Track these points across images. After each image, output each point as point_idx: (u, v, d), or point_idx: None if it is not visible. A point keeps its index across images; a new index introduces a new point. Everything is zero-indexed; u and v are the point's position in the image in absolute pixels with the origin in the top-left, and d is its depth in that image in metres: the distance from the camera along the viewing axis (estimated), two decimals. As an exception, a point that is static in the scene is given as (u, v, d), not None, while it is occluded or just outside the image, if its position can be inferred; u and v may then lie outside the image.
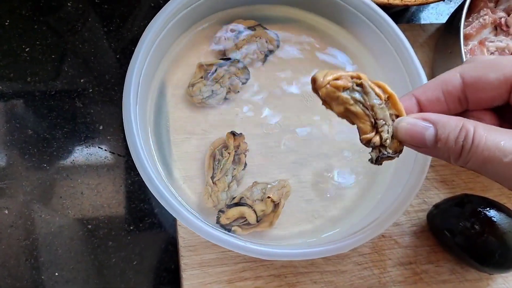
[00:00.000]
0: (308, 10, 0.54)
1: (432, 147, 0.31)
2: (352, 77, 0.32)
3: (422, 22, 0.66)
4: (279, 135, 0.50)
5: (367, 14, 0.49)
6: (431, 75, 0.59)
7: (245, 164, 0.47)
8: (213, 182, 0.46)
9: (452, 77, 0.33)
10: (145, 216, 0.51)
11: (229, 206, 0.45)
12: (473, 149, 0.29)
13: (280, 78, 0.52)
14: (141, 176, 0.39)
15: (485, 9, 0.57)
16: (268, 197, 0.45)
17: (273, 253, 0.40)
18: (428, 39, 0.61)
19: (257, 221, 0.45)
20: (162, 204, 0.39)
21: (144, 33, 0.44)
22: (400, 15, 0.65)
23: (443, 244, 0.49)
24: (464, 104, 0.33)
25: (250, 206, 0.45)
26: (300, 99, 0.51)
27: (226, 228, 0.44)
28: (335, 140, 0.51)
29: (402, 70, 0.49)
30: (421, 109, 0.34)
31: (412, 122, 0.31)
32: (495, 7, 0.60)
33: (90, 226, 0.50)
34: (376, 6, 0.49)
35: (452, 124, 0.30)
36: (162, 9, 0.46)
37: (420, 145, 0.31)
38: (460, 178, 0.55)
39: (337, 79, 0.32)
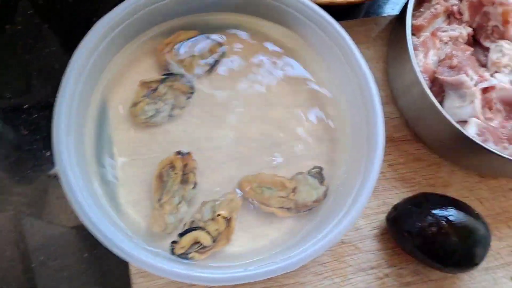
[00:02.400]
0: (252, 14, 0.52)
1: None
2: None
3: (385, 14, 0.63)
4: (229, 148, 0.48)
5: (306, 14, 0.48)
6: (385, 70, 0.57)
7: (195, 183, 0.46)
8: (160, 205, 0.44)
9: None
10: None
11: (181, 234, 0.43)
12: None
13: (228, 88, 0.50)
14: (72, 206, 0.38)
15: (435, -2, 0.56)
16: (218, 215, 0.44)
17: (223, 279, 0.39)
18: (381, 32, 0.59)
19: (213, 242, 0.44)
20: (92, 233, 0.38)
21: (76, 51, 0.42)
22: (357, 9, 0.63)
23: (404, 246, 0.48)
24: None
25: (203, 228, 0.44)
26: (248, 109, 0.50)
27: (183, 257, 0.43)
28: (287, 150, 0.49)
29: (348, 70, 0.47)
30: None
31: None
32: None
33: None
34: (315, 5, 0.47)
35: None
36: (96, 23, 0.44)
37: None
38: (421, 175, 0.54)
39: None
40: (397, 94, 0.55)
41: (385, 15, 0.63)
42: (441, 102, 0.51)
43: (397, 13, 0.58)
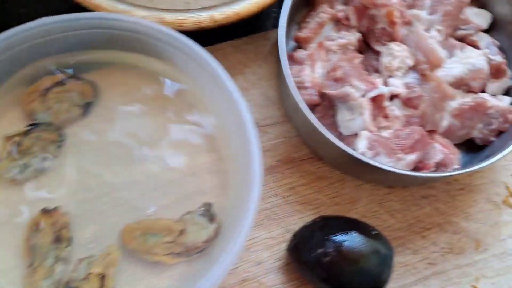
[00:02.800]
0: (123, 50, 0.48)
1: None
2: None
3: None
4: (110, 195, 0.45)
5: (175, 45, 0.45)
6: (277, 87, 0.54)
7: (70, 238, 0.43)
8: (32, 270, 0.41)
9: None
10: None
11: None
12: None
13: (104, 131, 0.47)
14: None
15: (322, 5, 0.53)
16: (90, 273, 0.41)
17: None
18: (274, 47, 0.56)
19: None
20: None
21: None
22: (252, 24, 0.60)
23: (305, 277, 0.46)
24: None
25: (78, 289, 0.41)
26: (129, 150, 0.46)
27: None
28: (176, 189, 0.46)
29: (224, 99, 0.44)
30: None
31: None
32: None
33: None
34: (178, 34, 0.44)
35: None
36: None
37: None
38: (325, 194, 0.51)
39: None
40: (288, 112, 0.52)
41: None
42: (334, 116, 0.49)
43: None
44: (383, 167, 0.43)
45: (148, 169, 0.46)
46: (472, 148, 0.52)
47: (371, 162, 0.43)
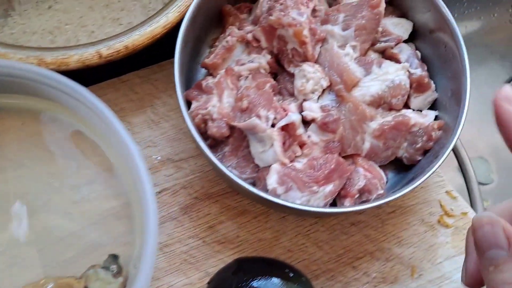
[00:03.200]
0: (16, 93, 0.44)
1: None
2: None
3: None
4: (5, 254, 0.41)
5: (53, 86, 0.41)
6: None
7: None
8: None
9: None
10: None
11: None
12: None
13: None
14: None
15: (230, 26, 0.49)
16: None
17: None
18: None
19: None
20: None
21: None
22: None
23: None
24: None
25: None
26: (24, 201, 0.42)
27: None
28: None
29: (116, 141, 0.41)
30: None
31: None
32: (249, 17, 0.51)
33: None
34: (53, 73, 0.40)
35: None
36: None
37: None
38: (247, 230, 0.47)
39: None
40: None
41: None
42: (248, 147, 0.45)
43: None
44: (290, 205, 0.40)
45: (47, 221, 0.42)
46: (401, 166, 0.49)
47: (277, 201, 0.40)
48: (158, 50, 0.51)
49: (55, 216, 0.43)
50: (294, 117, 0.43)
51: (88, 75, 0.47)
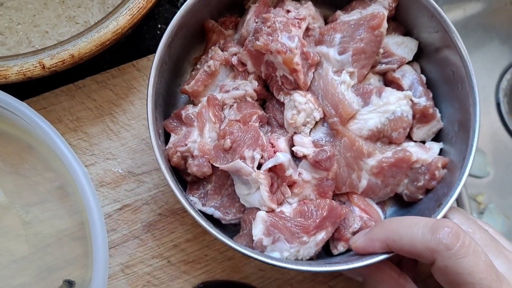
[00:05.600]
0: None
1: None
2: None
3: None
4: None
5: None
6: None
7: None
8: None
9: None
10: None
11: None
12: None
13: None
14: None
15: (212, 48, 0.44)
16: None
17: None
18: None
19: None
20: None
21: None
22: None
23: None
24: None
25: None
26: None
27: None
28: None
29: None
30: None
31: None
32: (235, 34, 0.46)
33: None
34: None
35: None
36: None
37: None
38: (215, 248, 0.45)
39: None
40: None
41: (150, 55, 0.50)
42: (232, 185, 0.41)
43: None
44: (275, 263, 0.36)
45: None
46: (402, 200, 0.44)
47: (259, 257, 0.36)
48: (117, 52, 0.46)
49: (5, 238, 0.40)
50: (282, 158, 0.39)
51: (40, 81, 0.43)
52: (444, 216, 0.38)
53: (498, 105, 0.74)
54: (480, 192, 0.71)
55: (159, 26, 0.53)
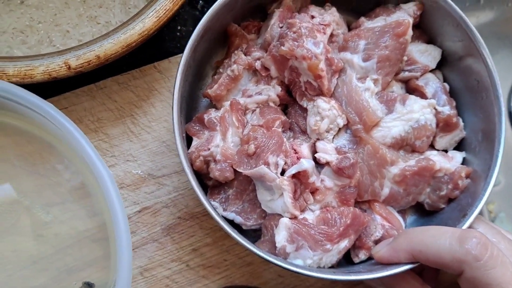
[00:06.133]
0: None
1: None
2: None
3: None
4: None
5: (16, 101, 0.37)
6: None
7: None
8: None
9: None
10: None
11: None
12: None
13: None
14: None
15: (235, 52, 0.44)
16: None
17: None
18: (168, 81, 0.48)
19: None
20: None
21: None
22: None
23: None
24: None
25: None
26: None
27: None
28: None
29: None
30: None
31: None
32: (258, 38, 0.46)
33: None
34: (16, 88, 0.36)
35: None
36: None
37: None
38: (234, 253, 0.44)
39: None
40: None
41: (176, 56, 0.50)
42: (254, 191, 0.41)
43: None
44: (298, 270, 0.36)
45: (16, 243, 0.39)
46: (423, 209, 0.44)
47: (282, 264, 0.36)
48: (137, 53, 0.46)
49: (25, 238, 0.39)
50: (307, 164, 0.39)
51: (61, 80, 0.43)
52: (469, 226, 0.38)
53: (510, 113, 0.74)
54: (490, 200, 0.70)
55: (179, 27, 0.53)
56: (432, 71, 0.45)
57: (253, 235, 0.43)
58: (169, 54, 0.50)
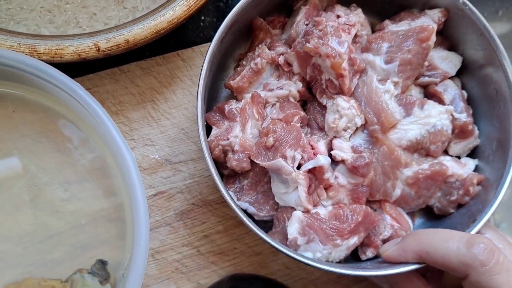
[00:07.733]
0: (8, 80, 0.41)
1: None
2: None
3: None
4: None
5: (45, 78, 0.38)
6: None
7: None
8: None
9: None
10: None
11: None
12: None
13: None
14: None
15: (260, 46, 0.44)
16: None
17: None
18: (191, 69, 0.49)
19: None
20: None
21: None
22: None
23: None
24: None
25: None
26: (10, 195, 0.40)
27: None
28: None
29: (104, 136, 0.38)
30: None
31: None
32: (282, 34, 0.47)
33: None
34: (45, 66, 0.37)
35: None
36: None
37: None
38: (244, 242, 0.45)
39: None
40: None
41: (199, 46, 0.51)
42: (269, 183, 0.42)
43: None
44: (308, 262, 0.37)
45: (34, 217, 0.40)
46: (431, 212, 0.45)
47: (293, 255, 0.37)
48: (160, 40, 0.47)
49: (43, 213, 0.40)
50: (323, 160, 0.40)
51: (87, 62, 0.44)
52: (478, 232, 0.38)
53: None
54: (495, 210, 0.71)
55: (203, 18, 0.54)
56: (451, 78, 0.46)
57: (263, 226, 0.43)
58: (191, 43, 0.51)
